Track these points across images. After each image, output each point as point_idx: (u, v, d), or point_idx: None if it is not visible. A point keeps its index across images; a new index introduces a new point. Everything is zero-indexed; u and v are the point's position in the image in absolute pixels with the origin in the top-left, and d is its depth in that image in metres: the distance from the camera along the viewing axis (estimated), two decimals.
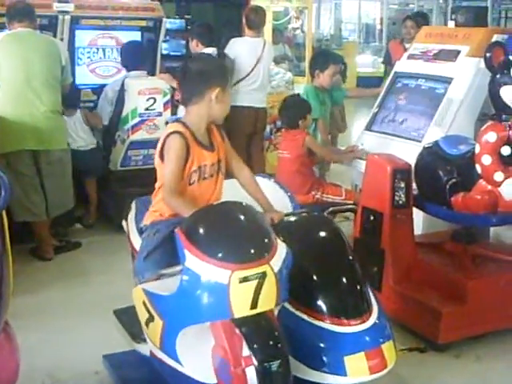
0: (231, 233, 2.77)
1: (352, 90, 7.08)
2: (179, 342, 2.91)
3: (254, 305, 2.65)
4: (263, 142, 7.30)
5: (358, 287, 3.12)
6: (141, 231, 3.53)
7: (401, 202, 4.48)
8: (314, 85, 6.08)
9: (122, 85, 6.22)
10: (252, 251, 2.69)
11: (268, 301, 2.71)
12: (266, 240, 2.78)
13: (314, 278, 3.07)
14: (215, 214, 2.93)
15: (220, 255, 2.66)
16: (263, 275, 2.64)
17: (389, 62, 8.18)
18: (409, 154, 4.82)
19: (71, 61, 6.51)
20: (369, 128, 5.89)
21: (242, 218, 2.87)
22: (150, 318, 3.07)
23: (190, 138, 3.21)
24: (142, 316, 3.17)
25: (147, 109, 6.20)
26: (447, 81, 5.31)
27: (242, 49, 6.82)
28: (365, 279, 3.19)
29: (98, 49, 6.98)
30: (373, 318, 3.04)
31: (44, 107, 5.36)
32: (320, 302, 3.01)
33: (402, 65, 5.92)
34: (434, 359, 4.17)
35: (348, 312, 3.02)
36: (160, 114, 6.28)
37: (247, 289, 2.63)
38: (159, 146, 3.27)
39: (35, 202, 5.48)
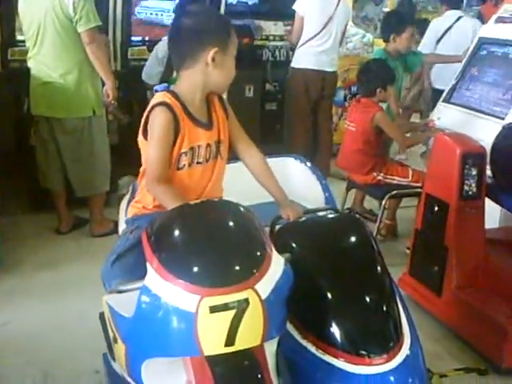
0: (206, 245, 2.09)
1: (430, 56, 6.31)
2: (146, 370, 2.29)
3: (230, 341, 1.99)
4: (331, 109, 6.61)
5: (387, 312, 2.41)
6: (127, 223, 2.92)
7: (471, 193, 3.80)
8: (386, 49, 5.39)
9: None
10: (230, 271, 2.02)
11: (250, 336, 2.04)
12: (253, 256, 2.08)
13: (329, 298, 2.39)
14: (189, 218, 2.24)
15: (187, 275, 2.00)
16: (244, 303, 1.98)
17: None
18: (489, 132, 4.12)
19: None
20: (447, 100, 5.17)
21: (225, 224, 2.18)
22: (114, 339, 2.49)
23: (179, 111, 2.57)
24: (110, 332, 2.59)
25: None
26: None
27: (313, 4, 6.12)
28: (396, 300, 2.49)
29: None
30: (402, 354, 2.34)
31: (54, 73, 4.80)
32: (334, 332, 2.33)
33: (489, 29, 5.12)
34: None
35: (370, 346, 2.32)
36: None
37: (220, 320, 1.98)
38: (143, 120, 2.63)
39: (52, 168, 5.06)
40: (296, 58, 6.28)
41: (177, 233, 2.15)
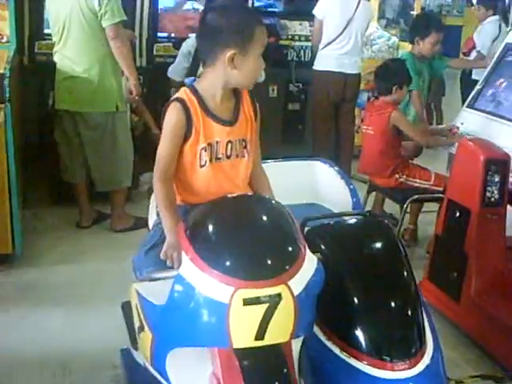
0: (242, 238, 2.13)
1: (455, 61, 6.31)
2: (171, 360, 2.36)
3: (260, 335, 2.03)
4: (354, 112, 6.60)
5: (412, 319, 2.43)
6: (158, 215, 2.91)
7: (493, 200, 3.77)
8: (412, 52, 5.38)
9: None
10: (265, 265, 2.05)
11: (280, 332, 2.08)
12: (288, 252, 2.12)
13: (355, 301, 2.41)
14: (226, 211, 2.30)
15: (223, 267, 2.03)
16: (277, 298, 2.01)
17: None
18: None
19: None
20: (471, 105, 5.14)
21: (262, 218, 2.23)
22: (141, 327, 2.53)
23: (196, 106, 2.54)
24: (136, 321, 2.64)
25: None
26: None
27: (332, 8, 6.15)
28: (421, 307, 2.50)
29: None
30: (425, 361, 2.35)
31: (78, 67, 4.83)
32: (358, 335, 2.35)
33: None
34: None
35: (393, 352, 2.34)
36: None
37: (253, 314, 2.01)
38: (162, 114, 2.63)
39: (74, 163, 5.11)
40: (317, 60, 6.31)
41: (214, 224, 2.19)
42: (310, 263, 2.14)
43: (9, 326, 3.77)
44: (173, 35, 6.49)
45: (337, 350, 2.37)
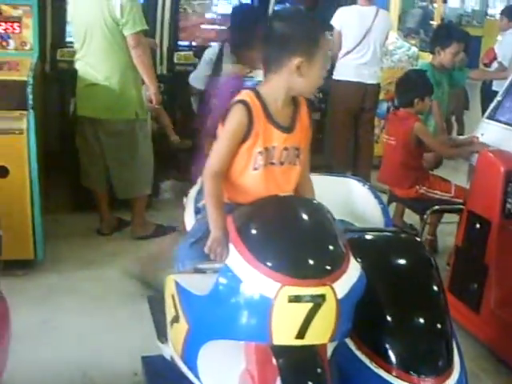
0: (291, 237, 2.18)
1: (475, 72, 6.32)
2: (203, 354, 2.39)
3: (301, 334, 2.07)
4: (373, 122, 6.61)
5: (442, 337, 2.44)
6: (198, 211, 2.98)
7: None
8: (432, 63, 5.38)
9: (221, 48, 5.69)
10: (312, 265, 2.10)
11: (320, 333, 2.11)
12: (335, 255, 2.17)
13: (387, 315, 2.42)
14: (278, 208, 2.37)
15: (271, 262, 2.08)
16: (321, 299, 2.05)
17: None
18: None
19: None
20: (492, 117, 5.11)
21: (310, 220, 2.29)
22: (176, 318, 2.56)
23: (258, 110, 2.57)
24: (169, 313, 2.67)
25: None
26: None
27: (350, 19, 6.20)
28: (451, 326, 2.51)
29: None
30: (451, 380, 2.35)
31: (99, 75, 4.86)
32: (389, 348, 2.37)
33: None
34: None
35: (421, 367, 2.35)
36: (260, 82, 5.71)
37: (297, 311, 2.05)
38: (225, 112, 2.64)
39: (94, 170, 5.14)
40: (337, 70, 6.34)
41: (264, 220, 2.27)
42: (354, 269, 2.19)
43: (30, 331, 3.78)
44: (193, 44, 6.53)
45: (366, 360, 2.38)
